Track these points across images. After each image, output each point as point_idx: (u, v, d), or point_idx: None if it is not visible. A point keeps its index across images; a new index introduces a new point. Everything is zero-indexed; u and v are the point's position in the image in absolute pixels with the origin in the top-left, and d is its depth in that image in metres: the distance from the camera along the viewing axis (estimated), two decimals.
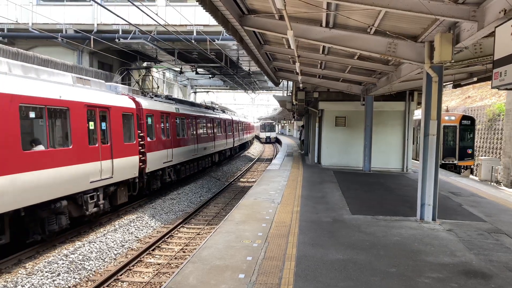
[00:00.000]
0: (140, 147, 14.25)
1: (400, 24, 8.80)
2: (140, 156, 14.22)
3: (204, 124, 24.25)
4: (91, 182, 11.17)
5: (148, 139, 15.11)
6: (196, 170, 22.26)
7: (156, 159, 15.90)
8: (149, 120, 15.46)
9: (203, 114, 24.39)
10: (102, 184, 11.78)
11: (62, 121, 10.37)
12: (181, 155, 19.07)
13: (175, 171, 18.55)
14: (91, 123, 11.41)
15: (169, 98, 20.14)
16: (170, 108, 18.19)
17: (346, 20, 9.07)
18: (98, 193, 11.68)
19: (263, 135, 66.83)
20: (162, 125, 16.85)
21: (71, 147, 10.36)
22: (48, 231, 9.85)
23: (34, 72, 9.83)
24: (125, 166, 13.10)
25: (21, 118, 8.74)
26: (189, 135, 20.69)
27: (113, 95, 13.16)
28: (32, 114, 9.30)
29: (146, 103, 15.39)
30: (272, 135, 66.19)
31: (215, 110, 30.52)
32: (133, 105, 14.10)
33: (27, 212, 9.04)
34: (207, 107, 28.41)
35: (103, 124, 12.06)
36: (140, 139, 14.26)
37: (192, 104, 24.74)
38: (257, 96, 68.94)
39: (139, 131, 14.35)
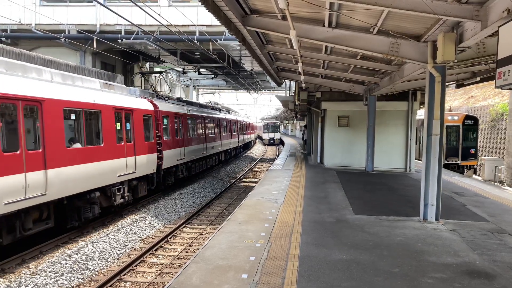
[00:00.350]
0: (158, 146, 15.65)
1: (403, 24, 8.78)
2: (158, 153, 15.63)
3: (211, 125, 25.49)
4: (118, 176, 12.56)
5: (164, 138, 16.44)
6: (205, 168, 23.62)
7: (171, 157, 17.17)
8: (165, 121, 16.82)
9: (211, 115, 25.57)
10: (127, 178, 13.19)
11: (95, 122, 11.77)
12: (192, 153, 20.36)
13: (186, 168, 19.79)
14: (118, 124, 12.79)
15: (180, 100, 21.37)
16: (182, 109, 19.43)
17: (349, 20, 9.06)
18: (123, 186, 13.08)
19: (266, 136, 61.24)
20: (175, 125, 18.15)
21: (102, 145, 11.80)
22: (84, 218, 11.23)
23: (70, 79, 11.16)
24: (145, 163, 14.51)
25: (65, 119, 10.21)
26: (198, 134, 22.05)
27: (135, 99, 14.53)
28: (72, 116, 10.78)
29: (162, 106, 16.67)
30: (276, 136, 60.70)
31: (221, 111, 31.59)
32: (151, 108, 15.44)
33: (67, 201, 10.42)
34: (213, 108, 29.46)
35: (127, 125, 13.42)
36: (157, 138, 15.70)
37: (200, 106, 25.84)
38: (259, 96, 68.82)
39: (157, 131, 15.73)
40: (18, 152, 8.55)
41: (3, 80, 8.43)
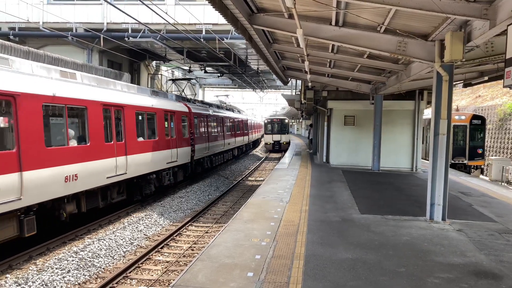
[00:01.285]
0: (191, 141, 19.27)
1: (410, 23, 8.74)
2: (191, 147, 19.24)
3: (228, 123, 29.14)
4: (167, 163, 16.03)
5: (195, 135, 20.02)
6: (222, 161, 27.24)
7: (200, 150, 20.84)
8: (196, 120, 20.40)
9: (227, 115, 29.26)
10: (172, 165, 16.68)
11: (152, 121, 15.13)
12: (214, 148, 24.17)
13: (210, 160, 23.51)
14: (166, 123, 16.17)
15: (203, 103, 25.37)
16: (207, 111, 23.23)
17: (356, 19, 9.02)
18: (169, 171, 16.53)
19: (268, 138, 42.51)
20: (203, 124, 21.89)
21: (157, 139, 15.19)
22: (144, 194, 14.67)
23: (132, 89, 14.38)
24: (183, 154, 18.13)
25: (136, 120, 13.63)
26: (218, 132, 25.74)
27: (175, 102, 18.11)
28: (140, 117, 14.19)
29: (193, 108, 20.34)
30: (284, 138, 41.90)
31: (234, 111, 34.94)
32: (186, 110, 19.11)
33: (136, 180, 13.91)
34: (227, 109, 32.76)
35: (171, 124, 16.92)
36: (190, 135, 19.29)
37: (218, 107, 29.17)
38: (265, 95, 68.30)
39: (190, 129, 19.36)
40: (112, 142, 12.07)
41: (103, 93, 11.93)
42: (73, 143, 10.41)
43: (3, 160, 8.12)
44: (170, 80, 28.43)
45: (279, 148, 40.83)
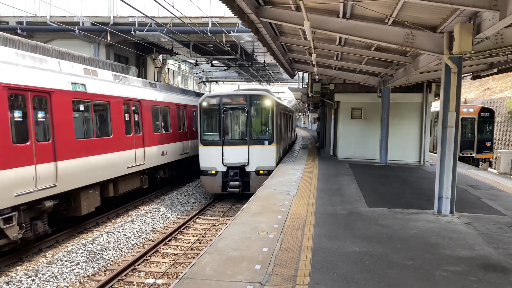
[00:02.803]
0: None
1: (418, 15, 8.65)
2: None
3: None
4: None
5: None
6: None
7: None
8: None
9: None
10: None
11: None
12: None
13: None
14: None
15: None
16: None
17: (364, 11, 8.94)
18: None
19: (208, 159, 15.23)
20: None
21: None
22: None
23: (184, 92, 20.36)
24: None
25: (192, 115, 19.66)
26: None
27: None
28: (194, 113, 19.78)
29: None
30: (259, 158, 15.41)
31: None
32: None
33: (193, 158, 19.17)
34: None
35: None
36: None
37: None
38: (272, 88, 68.04)
39: None
40: (181, 131, 17.73)
41: (174, 96, 17.67)
42: (163, 131, 15.88)
43: (138, 140, 13.70)
44: (201, 82, 34.87)
45: (240, 190, 15.38)
